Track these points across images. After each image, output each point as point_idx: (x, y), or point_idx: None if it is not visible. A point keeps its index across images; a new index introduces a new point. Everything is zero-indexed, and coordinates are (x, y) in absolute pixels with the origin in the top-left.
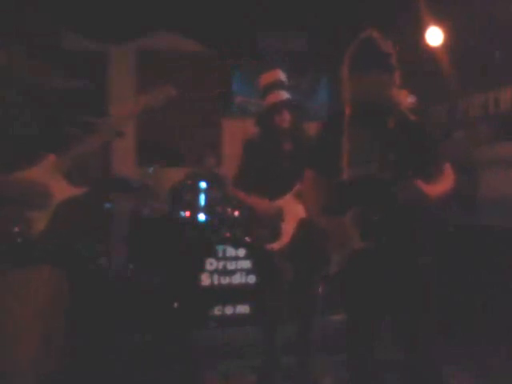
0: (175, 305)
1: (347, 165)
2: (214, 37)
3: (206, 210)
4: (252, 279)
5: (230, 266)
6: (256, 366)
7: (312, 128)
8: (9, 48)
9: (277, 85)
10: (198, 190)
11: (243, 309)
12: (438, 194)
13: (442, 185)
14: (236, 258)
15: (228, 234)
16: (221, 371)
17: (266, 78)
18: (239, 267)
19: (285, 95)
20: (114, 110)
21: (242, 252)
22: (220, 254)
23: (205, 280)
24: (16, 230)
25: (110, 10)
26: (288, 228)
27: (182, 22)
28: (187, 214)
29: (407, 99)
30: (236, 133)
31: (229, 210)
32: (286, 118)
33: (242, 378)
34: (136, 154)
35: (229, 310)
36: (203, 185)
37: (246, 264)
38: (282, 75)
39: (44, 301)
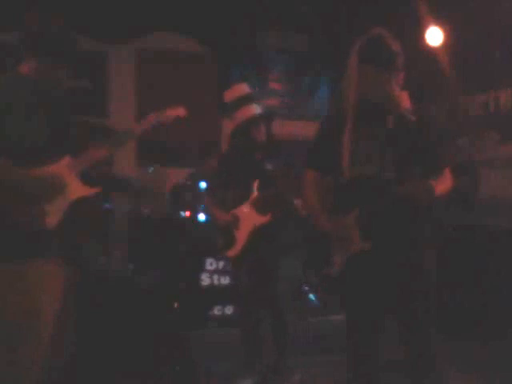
0: (175, 305)
1: (347, 165)
2: (213, 37)
3: (206, 209)
4: None
5: (230, 266)
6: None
7: (312, 128)
8: (38, 59)
9: (247, 98)
10: (198, 190)
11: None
12: (441, 193)
13: (440, 186)
14: None
15: None
16: (221, 371)
17: (232, 94)
18: None
19: (258, 108)
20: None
21: None
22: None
23: (205, 280)
24: (31, 221)
25: (110, 10)
26: (241, 236)
27: (182, 22)
28: (187, 214)
29: (408, 101)
30: None
31: None
32: (262, 130)
33: (242, 378)
34: (136, 154)
35: (229, 310)
36: (203, 185)
37: None
38: (248, 88)
39: (53, 293)
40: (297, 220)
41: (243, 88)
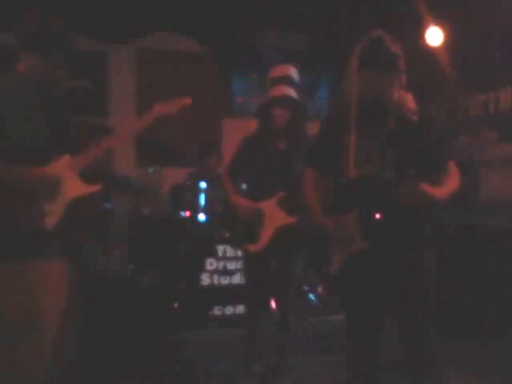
0: (175, 305)
1: (348, 164)
2: (213, 37)
3: (206, 209)
4: None
5: (230, 266)
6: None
7: (312, 128)
8: (37, 58)
9: (284, 79)
10: (197, 190)
11: (243, 309)
12: (445, 195)
13: (448, 186)
14: (236, 258)
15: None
16: (221, 371)
17: (276, 72)
18: (239, 267)
19: (288, 91)
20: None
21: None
22: (220, 254)
23: (205, 280)
24: (31, 221)
25: (110, 10)
26: (266, 233)
27: (182, 22)
28: (187, 214)
29: (413, 102)
30: (236, 133)
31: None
32: (283, 115)
33: (242, 378)
34: (136, 153)
35: (229, 310)
36: (203, 185)
37: None
38: (292, 71)
39: (53, 293)
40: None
41: (285, 69)
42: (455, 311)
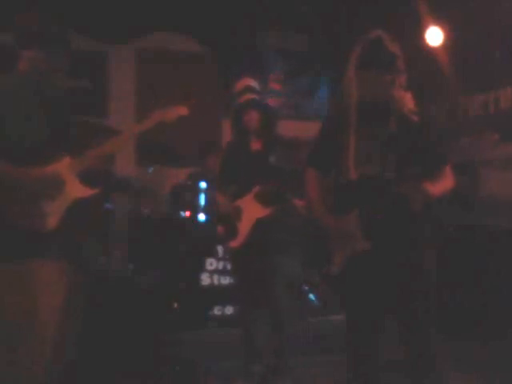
0: (175, 305)
1: (349, 165)
2: (213, 37)
3: (206, 209)
4: None
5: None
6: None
7: (312, 128)
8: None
9: (247, 89)
10: (197, 190)
11: None
12: (438, 193)
13: (442, 185)
14: None
15: None
16: (221, 371)
17: (238, 86)
18: None
19: (252, 96)
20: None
21: None
22: (220, 254)
23: (205, 280)
24: (31, 222)
25: (110, 10)
26: (244, 227)
27: (182, 22)
28: (187, 214)
29: (412, 102)
30: None
31: None
32: (253, 118)
33: (242, 378)
34: (136, 154)
35: (229, 310)
36: (203, 185)
37: None
38: (252, 82)
39: (53, 293)
40: (295, 218)
41: (245, 81)
42: (455, 311)
